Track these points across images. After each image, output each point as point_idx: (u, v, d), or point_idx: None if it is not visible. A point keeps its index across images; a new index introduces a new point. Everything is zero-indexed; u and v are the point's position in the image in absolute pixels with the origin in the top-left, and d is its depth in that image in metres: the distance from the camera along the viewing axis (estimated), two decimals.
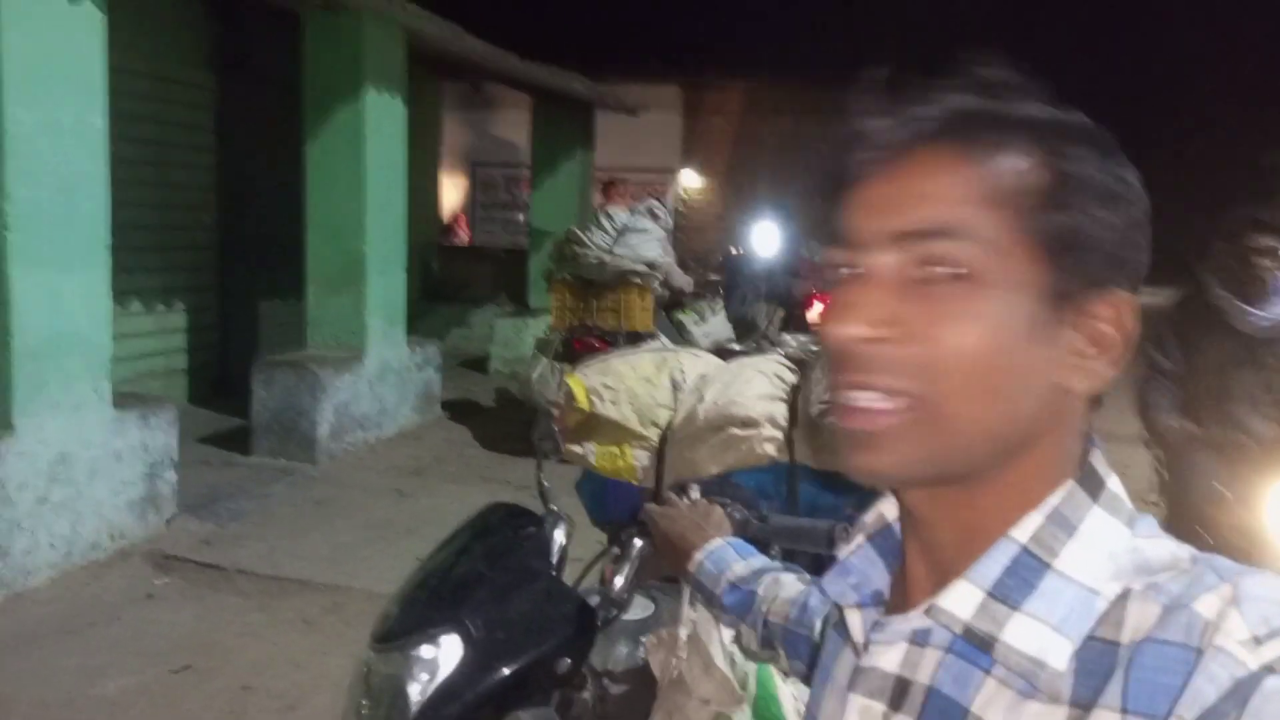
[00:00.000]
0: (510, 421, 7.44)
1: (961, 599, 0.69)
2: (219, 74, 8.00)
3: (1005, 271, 0.67)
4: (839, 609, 0.83)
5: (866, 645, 0.78)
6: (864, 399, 0.69)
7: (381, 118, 6.86)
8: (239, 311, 8.31)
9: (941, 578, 0.72)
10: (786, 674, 1.19)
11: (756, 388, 2.07)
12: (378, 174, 6.85)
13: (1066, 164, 0.69)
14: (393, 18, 6.88)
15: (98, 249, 4.52)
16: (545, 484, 1.69)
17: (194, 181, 7.88)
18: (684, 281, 7.53)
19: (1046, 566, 0.67)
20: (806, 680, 1.17)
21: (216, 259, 8.17)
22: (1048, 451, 0.70)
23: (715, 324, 7.94)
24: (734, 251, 10.31)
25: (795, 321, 8.87)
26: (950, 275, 0.67)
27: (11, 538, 4.14)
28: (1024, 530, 0.69)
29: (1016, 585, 0.67)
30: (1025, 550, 0.68)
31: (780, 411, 2.03)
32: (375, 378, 6.95)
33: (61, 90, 4.29)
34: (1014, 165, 0.68)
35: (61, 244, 4.34)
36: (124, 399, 4.83)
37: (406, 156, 7.26)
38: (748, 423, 2.01)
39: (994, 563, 0.69)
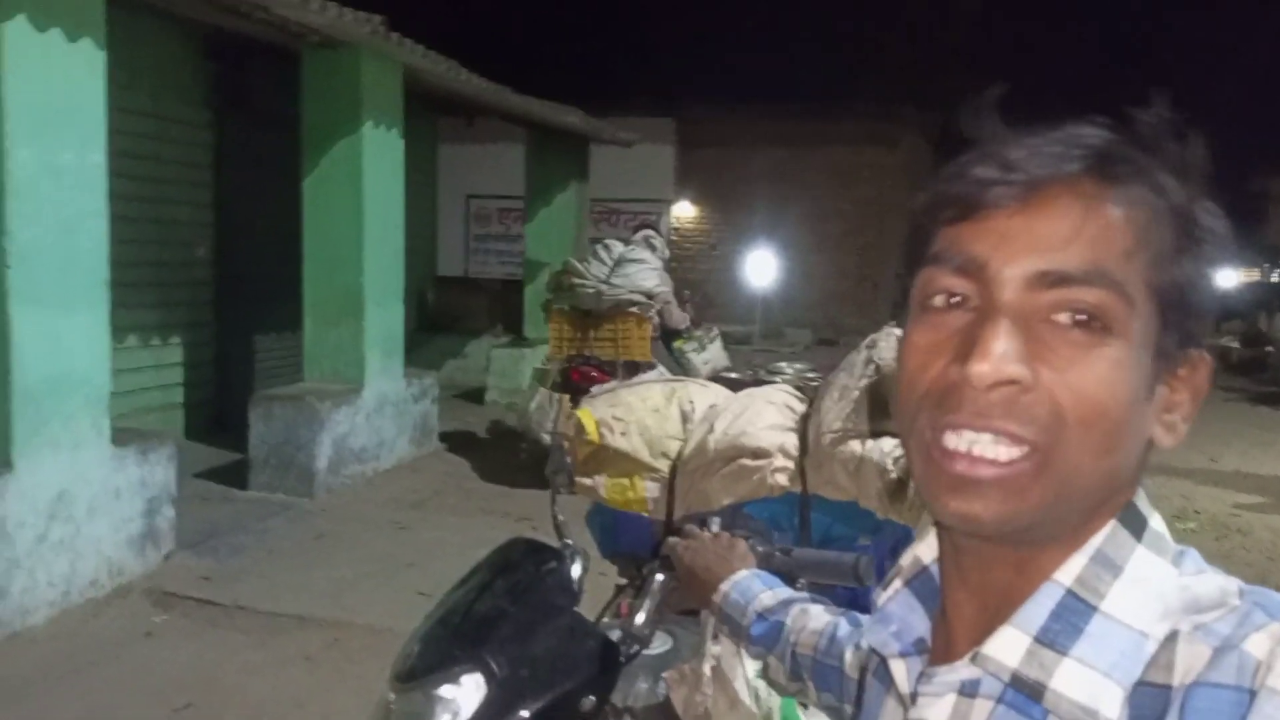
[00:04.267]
0: (508, 452, 7.43)
1: (1008, 645, 0.67)
2: (217, 112, 8.05)
3: (1133, 324, 0.65)
4: (882, 658, 0.81)
5: (914, 697, 0.75)
6: (982, 444, 0.65)
7: (379, 152, 6.90)
8: (236, 346, 8.32)
9: (991, 620, 0.69)
10: (814, 706, 1.18)
11: (767, 418, 2.07)
12: (375, 207, 6.87)
13: (1198, 216, 0.67)
14: (390, 55, 6.92)
15: (97, 288, 4.53)
16: (560, 518, 1.68)
17: (192, 218, 7.91)
18: (680, 319, 7.53)
19: (1093, 609, 0.65)
20: (835, 714, 1.16)
21: (214, 294, 8.19)
22: (1119, 504, 0.69)
23: (713, 351, 7.95)
24: None
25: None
26: (1086, 322, 0.64)
27: (10, 577, 4.11)
28: (1068, 572, 0.67)
29: (1064, 630, 0.65)
30: (1070, 593, 0.66)
31: (791, 442, 2.03)
32: (373, 410, 6.93)
33: (63, 130, 4.30)
34: (1155, 213, 0.66)
35: (62, 284, 4.35)
36: (123, 435, 4.82)
37: (403, 190, 7.29)
38: (759, 453, 2.00)
39: (1039, 607, 0.67)
